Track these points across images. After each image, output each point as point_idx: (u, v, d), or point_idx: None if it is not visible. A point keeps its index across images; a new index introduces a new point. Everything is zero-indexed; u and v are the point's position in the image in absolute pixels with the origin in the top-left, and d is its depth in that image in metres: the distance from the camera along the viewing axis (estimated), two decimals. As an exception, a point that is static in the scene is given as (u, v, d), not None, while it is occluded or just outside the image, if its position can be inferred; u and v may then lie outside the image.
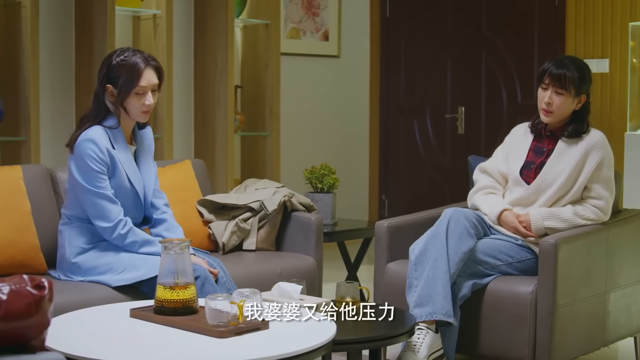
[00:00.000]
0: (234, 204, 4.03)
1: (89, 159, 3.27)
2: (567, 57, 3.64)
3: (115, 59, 3.35)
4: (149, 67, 3.35)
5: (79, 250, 3.35)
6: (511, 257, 3.53)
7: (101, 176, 3.29)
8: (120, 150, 3.35)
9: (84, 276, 3.33)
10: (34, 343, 1.91)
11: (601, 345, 3.65)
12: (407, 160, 6.93)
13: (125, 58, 3.34)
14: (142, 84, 3.32)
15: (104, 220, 3.30)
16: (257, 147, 5.85)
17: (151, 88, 3.35)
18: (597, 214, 3.56)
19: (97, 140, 3.28)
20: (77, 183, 3.31)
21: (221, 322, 2.63)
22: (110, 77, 3.35)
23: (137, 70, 3.32)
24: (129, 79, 3.31)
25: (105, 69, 3.37)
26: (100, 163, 3.29)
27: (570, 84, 3.54)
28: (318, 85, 6.72)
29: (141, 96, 3.34)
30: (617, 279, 3.67)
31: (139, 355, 2.43)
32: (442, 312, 3.32)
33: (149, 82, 3.34)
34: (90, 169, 3.28)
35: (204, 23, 5.56)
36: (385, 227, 3.78)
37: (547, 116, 3.60)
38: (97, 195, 3.29)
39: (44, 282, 1.91)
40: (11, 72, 4.70)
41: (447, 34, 6.67)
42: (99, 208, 3.29)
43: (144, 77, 3.33)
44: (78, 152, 3.30)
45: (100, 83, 3.37)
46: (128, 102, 3.34)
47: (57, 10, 5.02)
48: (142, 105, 3.34)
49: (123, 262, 3.28)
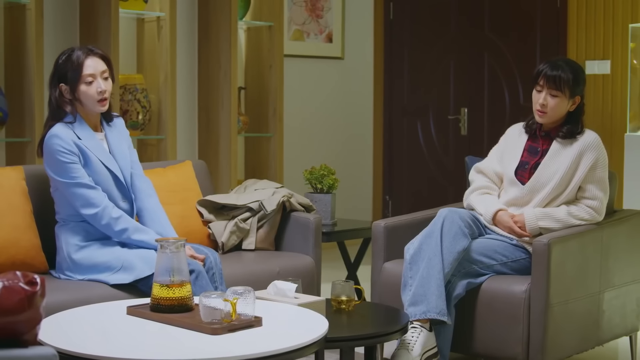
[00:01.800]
0: (233, 204, 4.08)
1: (57, 154, 3.36)
2: (562, 59, 3.68)
3: (60, 58, 3.46)
4: (92, 55, 3.44)
5: (75, 247, 3.41)
6: (506, 257, 3.57)
7: (74, 166, 3.37)
8: (86, 138, 3.43)
9: (82, 274, 3.39)
10: (26, 337, 1.96)
11: (595, 344, 3.68)
12: (410, 161, 6.97)
13: (69, 55, 3.45)
14: (87, 71, 3.41)
15: (90, 207, 3.37)
16: (260, 148, 5.91)
17: (100, 75, 3.43)
18: (591, 214, 3.59)
19: (60, 134, 3.37)
20: (55, 181, 3.41)
21: (215, 319, 2.68)
22: (60, 76, 3.45)
23: (79, 60, 3.41)
24: (75, 71, 3.41)
25: (53, 71, 3.48)
26: (69, 154, 3.37)
27: (564, 86, 3.58)
28: (322, 86, 6.77)
29: (91, 84, 3.42)
30: (611, 279, 3.71)
31: (133, 351, 2.47)
32: (436, 310, 3.36)
33: (95, 69, 3.42)
34: (61, 163, 3.37)
35: (208, 25, 5.61)
36: (382, 227, 3.83)
37: (541, 117, 3.64)
38: (76, 185, 3.37)
39: (36, 279, 1.97)
40: (16, 73, 4.77)
41: (450, 36, 6.71)
42: (82, 197, 3.37)
43: (87, 64, 3.41)
44: (46, 150, 3.40)
45: (52, 86, 3.47)
46: (79, 92, 3.42)
47: (61, 13, 5.08)
48: (94, 94, 3.42)
49: (119, 260, 3.34)
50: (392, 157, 7.07)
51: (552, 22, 6.16)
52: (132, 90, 5.19)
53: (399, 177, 7.05)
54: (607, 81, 5.87)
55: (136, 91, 5.20)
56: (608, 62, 5.86)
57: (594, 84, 5.92)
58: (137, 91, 5.20)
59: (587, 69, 5.95)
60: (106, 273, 3.34)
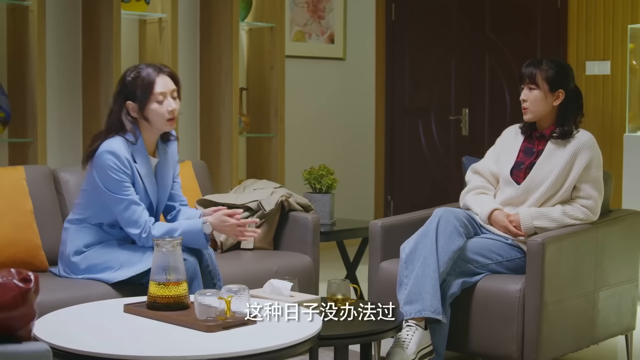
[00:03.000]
0: (232, 203, 4.11)
1: (110, 170, 3.32)
2: (544, 57, 3.75)
3: (129, 76, 3.40)
4: (162, 74, 3.40)
5: (77, 250, 3.44)
6: (501, 256, 3.60)
7: (125, 184, 3.34)
8: (141, 164, 3.40)
9: (82, 274, 3.42)
10: (20, 333, 2.00)
11: (590, 343, 3.71)
12: (412, 161, 7.01)
13: (138, 72, 3.40)
14: (158, 89, 3.37)
15: (134, 226, 3.35)
16: (262, 148, 5.94)
17: (170, 94, 3.40)
18: (586, 214, 3.62)
19: (117, 152, 3.32)
20: (103, 192, 3.36)
21: (209, 317, 2.72)
22: (127, 93, 3.39)
23: (151, 79, 3.37)
24: (145, 89, 3.36)
25: (120, 87, 3.42)
26: (122, 173, 3.33)
27: (539, 78, 3.64)
28: (324, 87, 6.81)
29: (161, 103, 3.38)
30: (606, 278, 3.73)
31: (127, 348, 2.51)
32: (431, 309, 3.39)
33: (166, 87, 3.39)
34: (113, 179, 3.33)
35: (210, 26, 5.65)
36: (379, 227, 3.86)
37: (525, 113, 3.70)
38: (125, 202, 3.34)
39: (30, 276, 2.01)
40: (19, 74, 4.81)
41: (451, 37, 6.74)
42: (129, 215, 3.34)
43: (159, 83, 3.37)
44: (99, 163, 3.34)
45: (117, 101, 3.41)
46: (149, 111, 3.38)
47: (63, 14, 5.13)
48: (165, 112, 3.38)
49: (119, 260, 3.38)
50: (394, 158, 7.10)
51: (552, 23, 6.19)
52: (134, 91, 5.23)
53: (401, 177, 7.09)
54: (607, 82, 5.89)
55: (138, 92, 5.23)
56: (608, 63, 5.88)
57: (594, 85, 5.94)
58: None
59: (587, 70, 5.98)
60: (106, 272, 3.38)
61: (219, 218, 3.40)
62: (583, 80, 5.98)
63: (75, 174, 3.87)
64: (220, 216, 3.40)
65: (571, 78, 3.72)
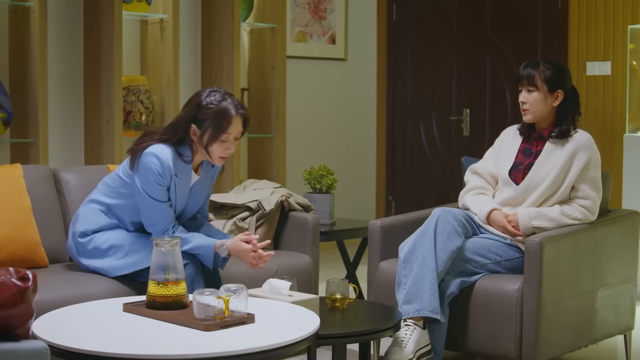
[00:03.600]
0: (232, 203, 4.13)
1: (150, 174, 3.31)
2: (541, 58, 3.77)
3: (205, 100, 3.31)
4: (238, 116, 3.32)
5: (84, 231, 3.44)
6: (499, 256, 3.61)
7: (163, 191, 3.34)
8: (181, 178, 3.38)
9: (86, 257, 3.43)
10: (18, 331, 2.02)
11: (589, 343, 3.72)
12: (413, 161, 7.02)
13: (215, 101, 3.30)
14: (230, 131, 3.30)
15: (152, 227, 3.36)
16: (263, 148, 5.96)
17: (235, 136, 3.34)
18: (584, 214, 3.63)
19: (162, 159, 3.30)
20: (138, 192, 3.35)
21: (208, 316, 2.73)
22: (197, 117, 3.31)
23: (228, 118, 3.29)
24: (218, 126, 3.28)
25: (195, 108, 3.32)
26: (161, 177, 3.32)
27: (538, 80, 3.66)
28: (325, 87, 6.82)
29: (224, 143, 3.32)
30: (605, 278, 3.74)
31: (125, 346, 2.53)
32: (429, 308, 3.40)
33: (236, 130, 3.32)
34: (151, 183, 3.32)
35: (211, 27, 5.67)
36: (378, 227, 3.87)
37: (525, 114, 3.71)
38: (157, 207, 3.34)
39: (28, 274, 2.02)
40: (20, 75, 4.83)
41: (452, 37, 6.76)
42: (155, 219, 3.34)
43: (234, 125, 3.30)
44: (143, 162, 3.33)
45: (186, 120, 3.33)
46: (210, 145, 3.32)
47: (65, 15, 5.15)
48: (223, 151, 3.33)
49: (125, 249, 3.39)
50: (395, 158, 7.12)
51: (553, 24, 6.20)
52: (136, 91, 5.25)
53: (402, 177, 7.10)
54: (608, 82, 5.90)
55: (139, 92, 5.26)
56: (608, 64, 5.89)
57: (594, 85, 5.95)
58: (140, 92, 5.26)
59: (587, 70, 5.99)
60: (110, 258, 3.39)
61: (235, 242, 3.35)
62: (583, 81, 5.99)
63: (76, 173, 3.90)
64: (237, 240, 3.35)
65: (568, 78, 3.73)
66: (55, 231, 3.68)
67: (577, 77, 5.89)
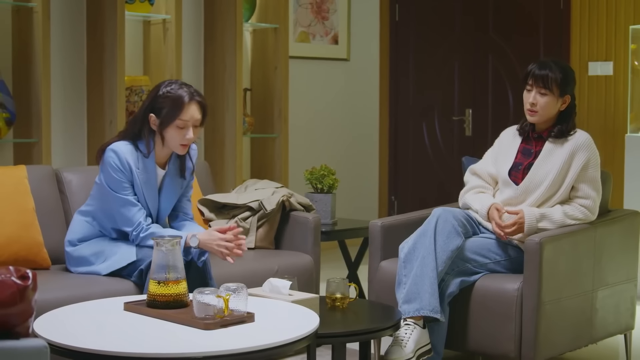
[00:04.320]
0: (233, 203, 4.15)
1: (110, 168, 3.41)
2: (551, 59, 3.74)
3: (162, 90, 3.43)
4: (194, 102, 3.41)
5: (71, 241, 3.56)
6: (499, 256, 3.62)
7: (124, 184, 3.42)
8: (143, 171, 3.45)
9: (74, 265, 3.54)
10: (18, 330, 2.03)
11: (589, 342, 3.72)
12: (415, 161, 7.03)
13: (171, 90, 3.41)
14: (184, 117, 3.39)
15: (127, 224, 3.44)
16: (266, 149, 5.97)
17: (193, 123, 3.41)
18: (584, 213, 3.64)
19: (120, 153, 3.41)
20: (103, 188, 3.46)
21: (208, 315, 2.74)
22: (154, 107, 3.42)
23: (181, 103, 3.39)
24: (172, 111, 3.39)
25: (151, 99, 3.45)
26: (121, 173, 3.41)
27: (553, 84, 3.63)
28: (328, 88, 6.84)
29: (182, 130, 3.40)
30: (605, 277, 3.75)
31: (126, 345, 2.54)
32: (429, 308, 3.41)
33: (192, 116, 3.41)
34: (112, 177, 3.42)
35: (213, 27, 5.68)
36: (379, 227, 3.89)
37: (532, 116, 3.69)
38: (121, 201, 3.42)
39: (28, 273, 2.04)
40: (23, 75, 4.84)
41: (455, 37, 6.77)
42: (123, 213, 3.43)
43: (187, 110, 3.39)
44: (104, 159, 3.45)
45: (144, 110, 3.45)
46: (167, 132, 3.41)
47: (68, 15, 5.16)
48: (181, 138, 3.41)
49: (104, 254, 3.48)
50: (398, 158, 7.13)
51: (555, 24, 6.21)
52: (138, 91, 5.27)
53: (405, 177, 7.11)
54: (610, 82, 5.91)
55: (142, 92, 5.28)
56: (610, 64, 5.90)
57: (596, 85, 5.96)
58: (143, 92, 5.28)
59: (589, 70, 6.00)
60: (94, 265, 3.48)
61: (208, 231, 3.41)
62: (585, 81, 5.99)
63: (78, 173, 3.92)
64: (210, 230, 3.41)
65: (574, 82, 3.73)
66: (57, 232, 3.70)
67: (579, 78, 5.88)
